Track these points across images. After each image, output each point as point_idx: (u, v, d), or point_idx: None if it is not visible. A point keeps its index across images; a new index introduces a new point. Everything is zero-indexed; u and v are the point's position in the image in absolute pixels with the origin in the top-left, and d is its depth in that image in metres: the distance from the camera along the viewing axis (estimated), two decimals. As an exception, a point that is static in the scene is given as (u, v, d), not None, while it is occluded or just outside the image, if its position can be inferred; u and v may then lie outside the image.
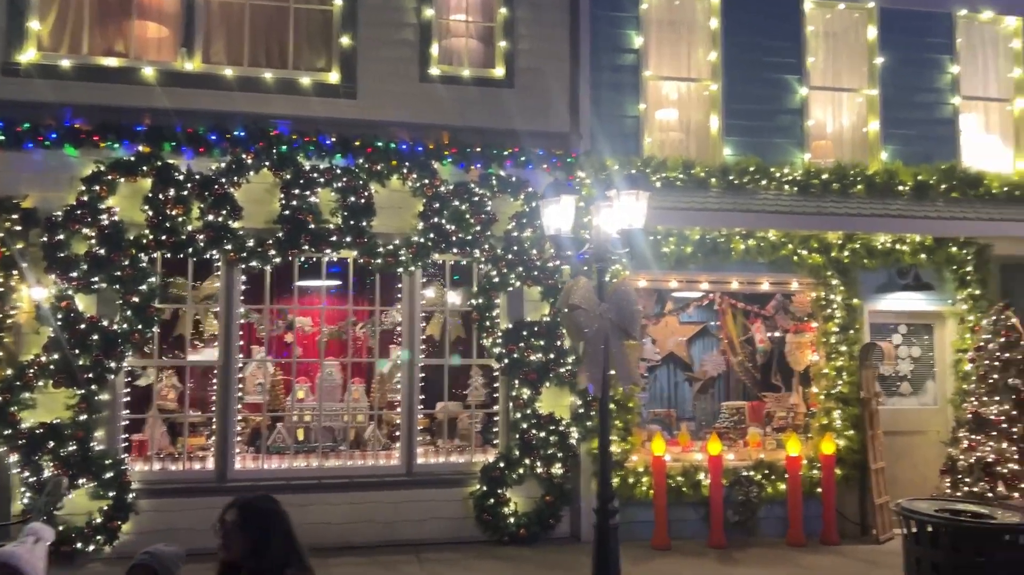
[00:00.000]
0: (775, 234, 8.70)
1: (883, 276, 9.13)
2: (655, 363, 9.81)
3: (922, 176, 9.03)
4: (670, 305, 9.55)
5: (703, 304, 9.81)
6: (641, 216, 5.55)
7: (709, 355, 9.98)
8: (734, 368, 9.80)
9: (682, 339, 10.03)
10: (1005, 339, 8.45)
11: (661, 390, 9.98)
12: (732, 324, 9.83)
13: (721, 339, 9.87)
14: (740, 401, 9.61)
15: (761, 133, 9.01)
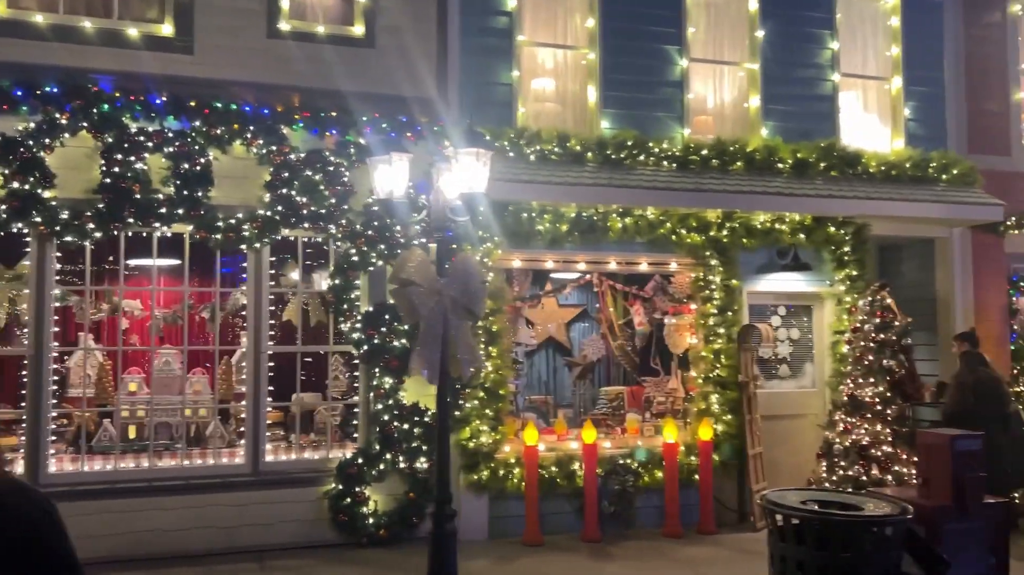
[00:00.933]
0: (654, 212, 8.35)
1: (763, 256, 8.94)
2: (532, 347, 9.38)
3: (801, 154, 8.85)
4: (548, 286, 9.10)
5: (583, 285, 9.43)
6: (483, 179, 5.00)
7: (589, 339, 9.63)
8: (614, 352, 9.47)
9: (562, 322, 9.64)
10: (880, 320, 8.39)
11: (539, 376, 9.56)
12: (612, 306, 9.49)
13: (601, 322, 9.52)
14: (619, 386, 9.29)
15: (640, 106, 8.63)
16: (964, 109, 9.94)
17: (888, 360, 8.24)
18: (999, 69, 10.19)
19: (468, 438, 7.66)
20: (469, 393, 7.64)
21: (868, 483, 7.91)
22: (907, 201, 8.81)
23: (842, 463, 8.19)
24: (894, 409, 8.22)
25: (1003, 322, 9.87)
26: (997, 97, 10.14)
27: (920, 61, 9.75)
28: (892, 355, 8.28)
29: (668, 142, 8.48)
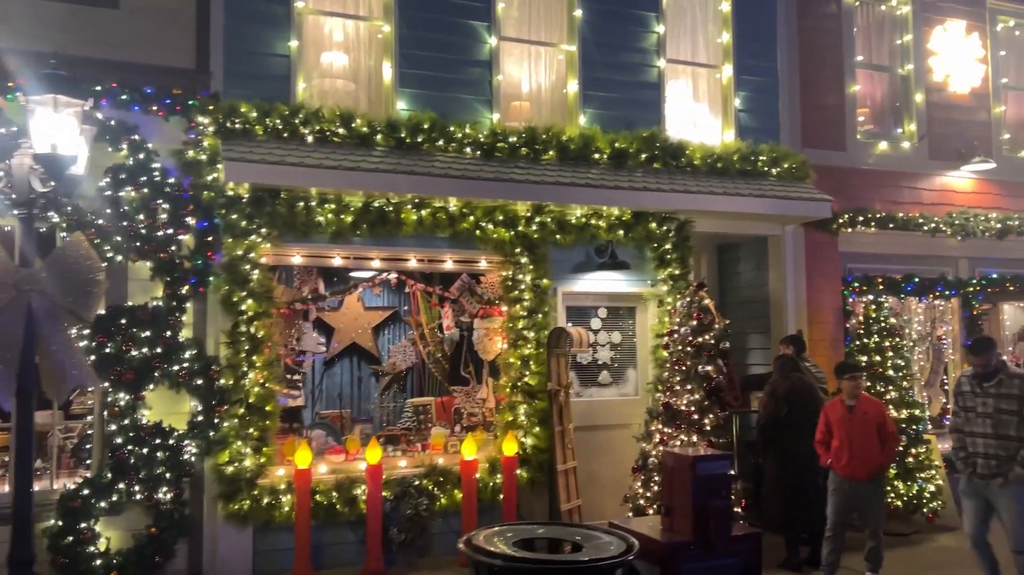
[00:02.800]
0: (457, 204, 7.61)
1: (580, 254, 8.32)
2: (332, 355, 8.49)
3: (620, 143, 8.29)
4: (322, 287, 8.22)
5: (395, 286, 8.61)
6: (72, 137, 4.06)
7: (398, 345, 8.81)
8: (425, 359, 8.69)
9: (368, 326, 8.79)
10: (697, 322, 7.87)
11: (337, 387, 8.68)
12: (423, 308, 8.71)
13: (412, 326, 8.73)
14: (427, 397, 8.51)
15: (443, 86, 7.88)
16: (798, 101, 9.64)
17: (704, 366, 7.74)
18: (834, 61, 9.94)
19: (227, 462, 6.71)
20: (227, 410, 6.69)
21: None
22: (729, 195, 8.36)
23: (657, 478, 7.63)
24: (712, 418, 7.73)
25: (837, 324, 9.60)
26: (832, 90, 9.89)
27: (752, 50, 9.38)
28: (709, 360, 7.78)
29: (472, 127, 7.76)
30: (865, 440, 6.46)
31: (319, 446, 7.56)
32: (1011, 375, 5.94)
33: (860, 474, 6.46)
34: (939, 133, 10.39)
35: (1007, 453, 5.80)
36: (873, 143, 10.10)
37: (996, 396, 5.89)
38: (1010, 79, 11.17)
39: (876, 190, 9.94)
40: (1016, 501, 5.80)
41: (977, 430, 6.00)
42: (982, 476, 5.92)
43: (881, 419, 6.58)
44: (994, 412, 5.88)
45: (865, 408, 6.59)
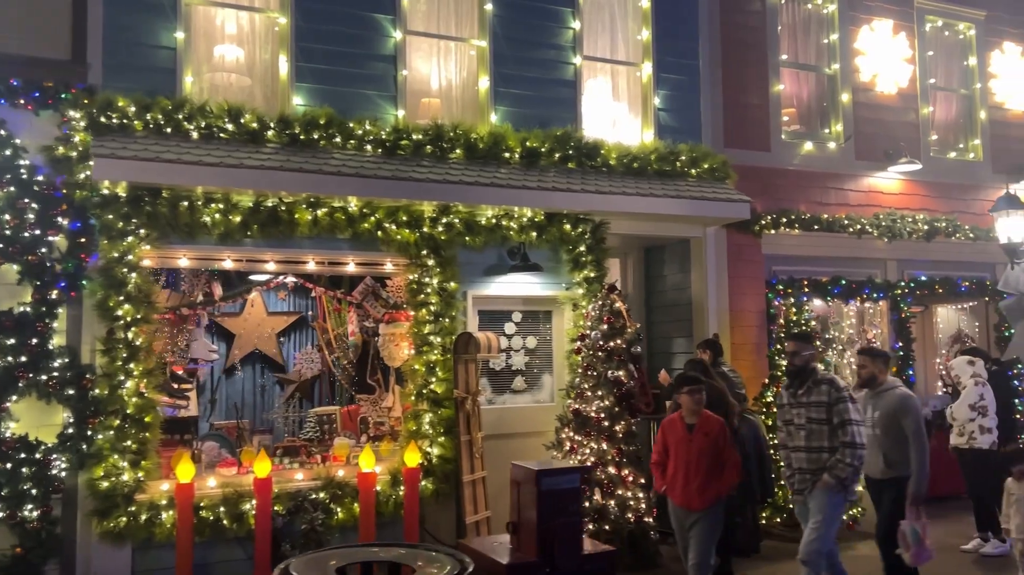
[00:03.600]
0: (357, 204, 7.35)
1: (492, 256, 8.11)
2: (225, 361, 8.18)
3: (531, 142, 8.10)
4: (219, 291, 7.92)
5: (290, 288, 8.35)
6: None
7: (303, 352, 8.53)
8: (332, 367, 8.41)
9: (272, 332, 8.50)
10: (608, 327, 7.71)
11: (236, 396, 8.36)
12: (330, 313, 8.43)
13: (318, 332, 8.45)
14: (333, 406, 8.23)
15: (344, 81, 7.63)
16: (721, 101, 9.53)
17: (615, 371, 7.56)
18: (758, 60, 9.86)
19: (101, 477, 6.36)
20: (102, 422, 6.36)
21: (589, 510, 7.18)
22: (643, 196, 8.20)
23: (565, 488, 7.42)
24: (622, 425, 7.55)
25: (761, 327, 9.49)
26: (756, 89, 9.80)
27: (673, 47, 9.24)
28: (620, 365, 7.61)
29: (373, 124, 7.51)
30: (702, 465, 5.71)
31: (211, 458, 7.25)
32: (819, 381, 5.60)
33: (695, 504, 5.71)
34: (866, 134, 10.35)
35: (819, 467, 5.50)
36: (798, 143, 10.02)
37: (807, 405, 5.57)
38: (938, 80, 11.18)
39: (801, 191, 9.87)
40: (820, 510, 5.48)
41: (795, 443, 5.65)
42: (798, 492, 5.62)
43: (723, 441, 5.81)
44: (806, 423, 5.56)
45: (706, 428, 5.83)
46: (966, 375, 8.10)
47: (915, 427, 5.91)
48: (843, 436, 5.43)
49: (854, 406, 5.52)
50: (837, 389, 5.53)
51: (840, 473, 5.41)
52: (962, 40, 11.44)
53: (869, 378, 6.21)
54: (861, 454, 5.43)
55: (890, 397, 6.05)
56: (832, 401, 5.49)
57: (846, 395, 5.51)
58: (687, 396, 5.90)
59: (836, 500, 5.49)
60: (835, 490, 5.44)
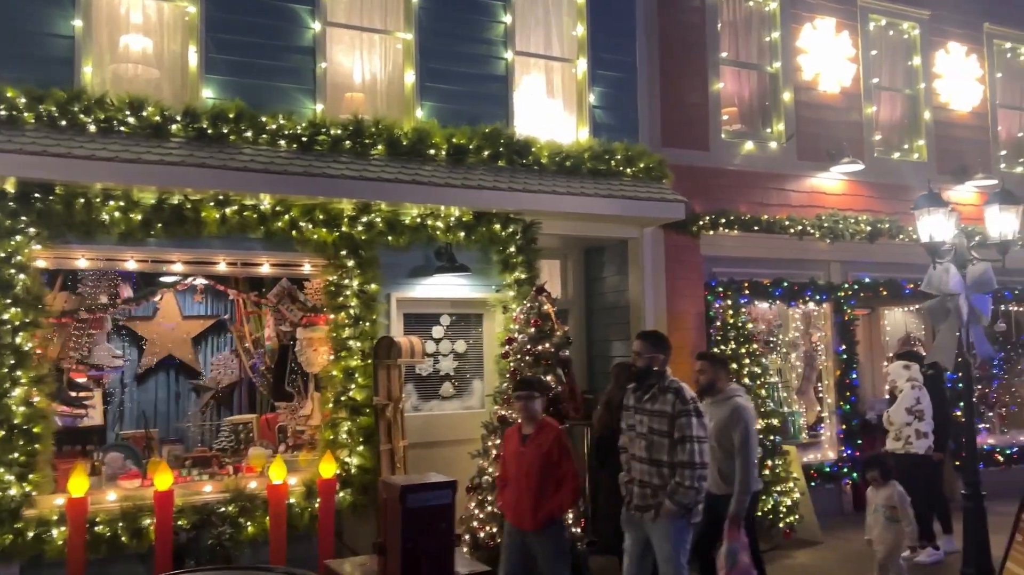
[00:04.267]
0: (270, 202, 7.05)
1: (418, 257, 7.85)
2: (137, 367, 7.84)
3: (458, 139, 7.86)
4: (128, 293, 7.58)
5: (219, 292, 8.01)
6: None
7: (219, 357, 8.20)
8: (250, 372, 8.10)
9: (186, 337, 8.15)
10: (536, 330, 7.47)
11: (148, 404, 8.01)
12: (249, 317, 8.12)
13: (235, 336, 8.14)
14: (250, 414, 7.92)
15: (258, 74, 7.33)
16: (658, 99, 9.36)
17: (543, 376, 7.32)
18: (698, 57, 9.71)
19: (-16, 491, 6.01)
20: (-19, 433, 6.01)
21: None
22: (574, 195, 8.00)
23: (489, 498, 7.18)
24: (552, 432, 7.32)
25: (699, 330, 9.32)
26: (695, 87, 9.65)
27: (609, 43, 9.05)
28: (547, 370, 7.37)
29: (288, 118, 7.22)
30: (533, 480, 5.24)
31: (114, 470, 6.90)
32: (665, 388, 5.11)
33: (526, 523, 5.25)
34: (808, 133, 10.24)
35: (661, 481, 5.02)
36: (739, 143, 9.88)
37: (650, 413, 5.10)
38: (882, 79, 11.12)
39: (741, 191, 9.73)
40: (667, 539, 5.02)
41: (636, 452, 5.19)
42: (638, 507, 5.15)
43: (558, 454, 5.31)
44: (648, 432, 5.08)
45: (539, 439, 5.35)
46: (902, 379, 8.00)
47: (743, 439, 5.61)
48: (681, 454, 4.92)
49: (699, 421, 5.01)
50: (683, 400, 5.02)
51: (683, 499, 4.92)
52: (906, 40, 11.40)
53: (707, 385, 5.92)
54: (701, 474, 4.93)
55: (725, 407, 5.77)
56: (675, 413, 5.00)
57: (691, 408, 5.00)
58: (517, 404, 5.49)
59: (680, 525, 5.04)
60: (678, 516, 4.98)
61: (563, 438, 5.44)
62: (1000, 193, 6.07)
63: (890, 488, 6.31)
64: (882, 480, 6.39)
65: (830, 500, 9.98)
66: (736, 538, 5.41)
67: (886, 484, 6.35)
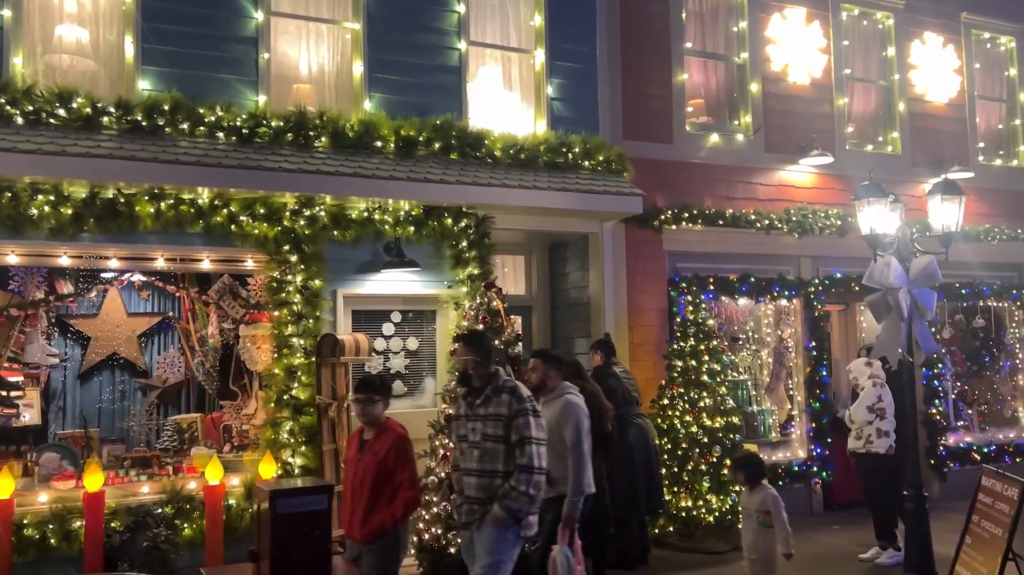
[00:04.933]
0: (208, 195, 6.92)
1: (367, 252, 7.72)
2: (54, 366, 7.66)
3: (406, 131, 7.72)
4: (68, 289, 7.44)
5: (135, 286, 7.89)
6: None
7: (165, 355, 8.07)
8: (195, 371, 7.98)
9: (132, 334, 8.03)
10: (484, 326, 7.33)
11: (90, 403, 7.89)
12: (196, 314, 8.00)
13: (181, 334, 8.01)
14: (194, 413, 7.80)
15: (198, 65, 7.19)
16: (620, 90, 9.21)
17: (489, 374, 7.19)
18: (661, 48, 9.55)
19: (-97, 493, 5.89)
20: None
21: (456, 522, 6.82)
22: (526, 189, 7.86)
23: (434, 498, 7.06)
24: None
25: (662, 327, 9.18)
26: (658, 79, 9.49)
27: (568, 33, 8.91)
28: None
29: (227, 110, 7.08)
30: (366, 489, 4.86)
31: (49, 471, 6.77)
32: (499, 389, 4.66)
33: (356, 534, 4.90)
34: (777, 125, 10.08)
35: (490, 494, 4.53)
36: (704, 135, 9.73)
37: (484, 418, 4.63)
38: (855, 70, 10.95)
39: (706, 185, 9.58)
40: (488, 550, 4.55)
41: (467, 465, 4.71)
42: (466, 526, 4.69)
43: (395, 461, 4.94)
44: (481, 439, 4.61)
45: (376, 446, 4.99)
46: (863, 376, 7.85)
47: (574, 438, 5.27)
48: (520, 457, 4.49)
49: (538, 421, 4.60)
50: (519, 399, 4.59)
51: (514, 503, 4.45)
52: (881, 29, 11.23)
53: (538, 383, 5.58)
54: (539, 480, 4.50)
55: (555, 405, 5.49)
56: (512, 413, 4.55)
57: (528, 407, 4.59)
58: (356, 408, 5.15)
59: (508, 536, 4.54)
60: (506, 525, 4.49)
61: (403, 444, 5.03)
62: (942, 184, 5.92)
63: (762, 491, 5.76)
64: (751, 482, 5.85)
65: (800, 500, 9.82)
66: (569, 542, 5.08)
67: (758, 487, 5.79)
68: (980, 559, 5.31)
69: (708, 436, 8.09)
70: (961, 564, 5.60)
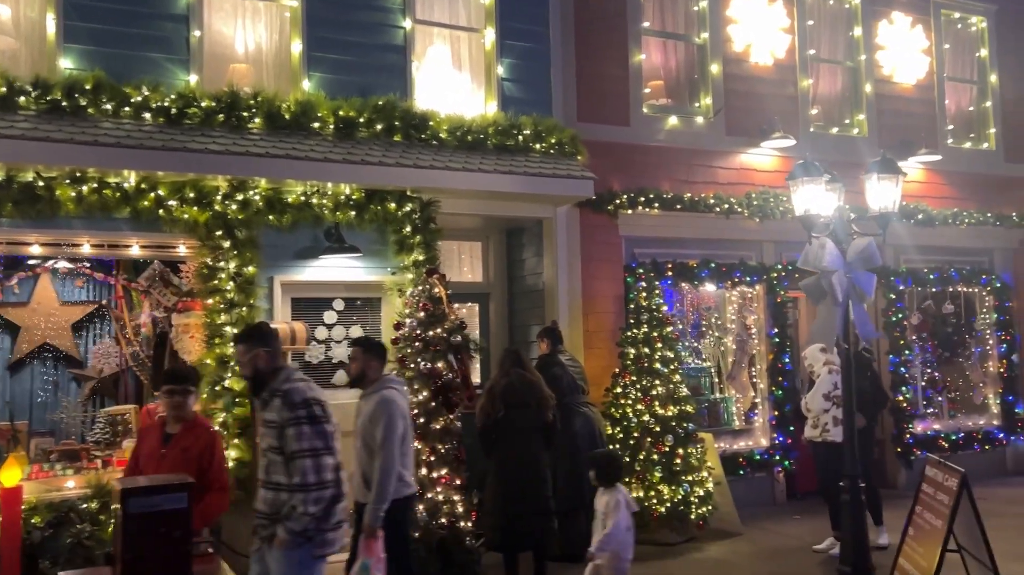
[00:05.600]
0: (136, 179, 6.69)
1: (306, 238, 7.50)
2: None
3: (345, 112, 7.49)
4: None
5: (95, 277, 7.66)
6: None
7: (100, 346, 7.85)
8: (130, 361, 7.76)
9: (65, 324, 7.80)
10: (426, 314, 7.15)
11: (24, 395, 7.67)
12: (134, 302, 7.77)
13: (115, 322, 7.79)
14: (128, 405, 7.58)
15: (124, 43, 6.94)
16: (574, 71, 8.99)
17: (429, 362, 7.01)
18: (618, 27, 9.33)
19: None
20: None
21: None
22: (470, 172, 7.65)
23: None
24: (443, 421, 7.00)
25: (618, 314, 8.99)
26: (614, 59, 9.28)
27: (519, 12, 8.67)
28: (437, 356, 7.05)
29: (154, 90, 6.83)
30: None
31: (-30, 466, 6.56)
32: (275, 392, 4.16)
33: None
34: (738, 107, 9.87)
35: (276, 510, 4.11)
36: (662, 118, 9.51)
37: (266, 425, 4.19)
38: (821, 51, 10.75)
39: (665, 169, 9.38)
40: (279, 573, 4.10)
41: (260, 476, 4.30)
42: (263, 539, 4.20)
43: (209, 460, 4.68)
44: (267, 449, 4.20)
45: (186, 442, 4.70)
46: (819, 363, 7.68)
47: (384, 438, 4.92)
48: (294, 474, 4.01)
49: (316, 428, 4.08)
50: (290, 405, 4.06)
51: (295, 526, 3.97)
52: (847, 9, 11.02)
53: (358, 375, 5.28)
54: (321, 495, 4.01)
55: (372, 401, 5.18)
56: (282, 422, 4.06)
57: (302, 415, 4.05)
58: (170, 399, 4.79)
59: (300, 557, 4.06)
60: (295, 545, 4.03)
61: (218, 442, 4.82)
62: (880, 162, 5.73)
63: (613, 495, 5.44)
64: (604, 482, 5.54)
65: (762, 489, 9.70)
66: (373, 553, 4.75)
67: (611, 489, 5.49)
68: (921, 551, 5.15)
69: (660, 425, 7.92)
70: (903, 556, 5.43)
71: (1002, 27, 11.97)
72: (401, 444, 5.11)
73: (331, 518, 4.09)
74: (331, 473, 4.09)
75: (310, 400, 4.13)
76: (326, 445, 4.09)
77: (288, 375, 4.25)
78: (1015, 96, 12.00)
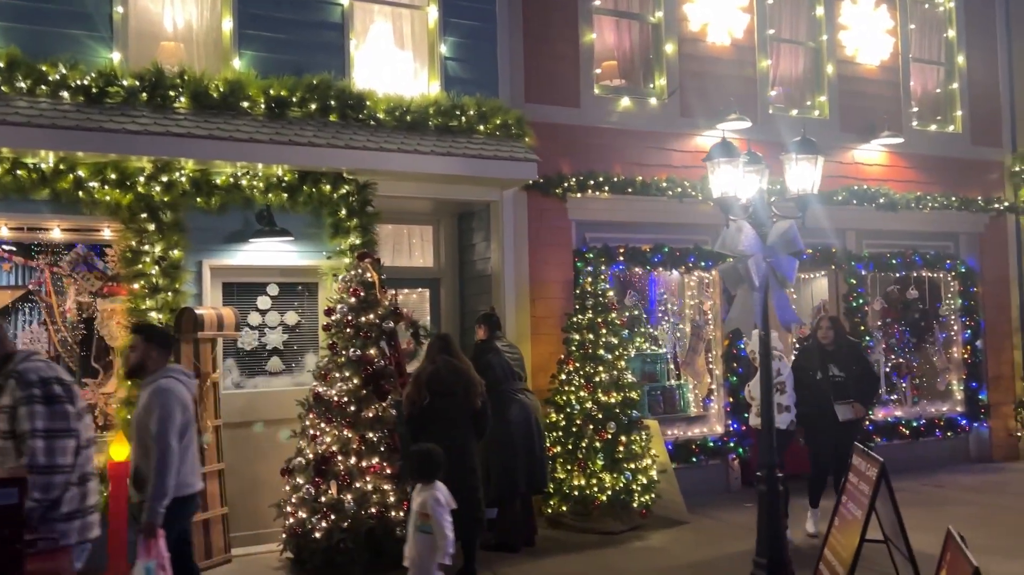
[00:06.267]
0: (54, 159, 6.51)
1: (236, 221, 7.35)
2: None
3: (276, 90, 7.31)
4: None
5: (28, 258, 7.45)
6: None
7: (29, 331, 7.65)
8: (59, 347, 7.57)
9: (-9, 310, 7.58)
10: (357, 300, 7.00)
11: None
12: (64, 288, 7.58)
13: (42, 307, 7.60)
14: (55, 392, 7.39)
15: (41, 19, 6.75)
16: (521, 50, 8.80)
17: (359, 349, 6.86)
18: (568, 5, 9.12)
19: None
20: None
21: (324, 507, 6.52)
22: (406, 153, 7.50)
23: (300, 479, 6.76)
24: (374, 410, 6.86)
25: (567, 299, 8.84)
26: (564, 39, 9.08)
27: (464, -12, 8.49)
28: (368, 343, 6.91)
29: (74, 68, 6.65)
30: None
31: None
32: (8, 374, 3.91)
33: None
34: (693, 88, 9.69)
35: None
36: (614, 99, 9.33)
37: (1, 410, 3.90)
38: (781, 31, 10.56)
39: (616, 151, 9.21)
40: None
41: None
42: None
43: None
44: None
45: None
46: (763, 349, 7.54)
47: (158, 430, 4.52)
48: (26, 455, 3.73)
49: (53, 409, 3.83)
50: (24, 384, 3.82)
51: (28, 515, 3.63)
52: (810, -12, 10.84)
53: (136, 365, 4.85)
54: (47, 481, 3.73)
55: (147, 391, 4.78)
56: (14, 402, 3.81)
57: (37, 393, 3.81)
58: None
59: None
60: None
61: None
62: (797, 143, 5.58)
63: (429, 491, 5.19)
64: (420, 478, 5.30)
65: (716, 476, 9.61)
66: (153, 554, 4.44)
67: (428, 485, 5.22)
68: (843, 542, 5.04)
69: (603, 412, 7.79)
70: (828, 547, 5.33)
71: (970, 7, 11.79)
72: (181, 438, 4.68)
73: (61, 505, 3.80)
74: (69, 457, 3.82)
75: (49, 379, 3.88)
76: (66, 427, 3.83)
77: (24, 356, 4.01)
78: (983, 78, 11.85)
